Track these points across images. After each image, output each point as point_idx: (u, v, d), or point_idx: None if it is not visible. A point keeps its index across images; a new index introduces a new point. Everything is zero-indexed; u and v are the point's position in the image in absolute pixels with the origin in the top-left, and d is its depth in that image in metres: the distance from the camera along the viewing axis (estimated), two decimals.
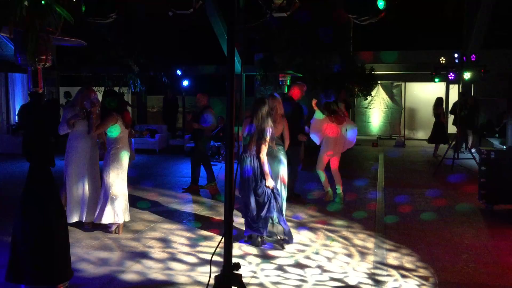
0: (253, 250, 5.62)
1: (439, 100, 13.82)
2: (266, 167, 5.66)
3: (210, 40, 17.51)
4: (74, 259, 4.89)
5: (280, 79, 12.83)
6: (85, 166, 6.21)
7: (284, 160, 6.29)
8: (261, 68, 14.84)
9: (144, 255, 5.39)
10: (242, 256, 5.37)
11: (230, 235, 2.92)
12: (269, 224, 5.76)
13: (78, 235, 6.06)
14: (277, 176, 6.11)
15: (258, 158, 5.66)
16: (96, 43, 13.59)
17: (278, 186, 6.05)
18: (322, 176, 8.12)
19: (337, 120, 7.99)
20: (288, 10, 3.38)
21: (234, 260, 3.09)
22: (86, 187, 6.23)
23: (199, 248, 5.66)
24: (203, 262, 5.18)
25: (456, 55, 11.56)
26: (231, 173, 2.76)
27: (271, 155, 6.01)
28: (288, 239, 5.80)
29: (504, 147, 9.98)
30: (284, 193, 6.38)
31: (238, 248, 5.61)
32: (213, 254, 3.31)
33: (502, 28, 16.04)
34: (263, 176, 5.66)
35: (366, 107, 19.14)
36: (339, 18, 12.72)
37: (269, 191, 5.68)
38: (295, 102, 7.98)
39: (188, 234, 6.20)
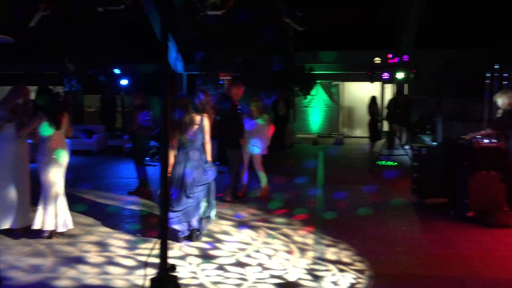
0: (193, 250, 5.56)
1: (373, 99, 14.28)
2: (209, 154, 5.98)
3: (150, 38, 17.17)
4: (3, 266, 4.65)
5: (220, 78, 12.81)
6: (13, 170, 5.87)
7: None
8: (201, 67, 14.73)
9: (79, 260, 5.20)
10: (182, 257, 5.30)
11: (165, 237, 2.87)
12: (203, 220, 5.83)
13: (8, 241, 5.75)
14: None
15: (198, 150, 5.81)
16: (27, 41, 12.95)
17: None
18: (263, 175, 8.18)
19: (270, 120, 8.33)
20: (222, 8, 3.36)
21: (174, 261, 3.05)
22: (16, 191, 5.91)
23: (137, 251, 5.53)
24: (142, 265, 5.05)
25: (389, 55, 11.99)
26: (166, 173, 2.72)
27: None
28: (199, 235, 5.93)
29: (435, 143, 10.47)
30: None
31: (178, 249, 5.54)
32: (149, 256, 3.24)
33: (433, 29, 16.77)
34: (201, 171, 5.81)
35: (306, 106, 19.51)
36: (278, 18, 12.88)
37: (201, 188, 5.79)
38: (233, 103, 7.77)
39: (127, 237, 6.05)
